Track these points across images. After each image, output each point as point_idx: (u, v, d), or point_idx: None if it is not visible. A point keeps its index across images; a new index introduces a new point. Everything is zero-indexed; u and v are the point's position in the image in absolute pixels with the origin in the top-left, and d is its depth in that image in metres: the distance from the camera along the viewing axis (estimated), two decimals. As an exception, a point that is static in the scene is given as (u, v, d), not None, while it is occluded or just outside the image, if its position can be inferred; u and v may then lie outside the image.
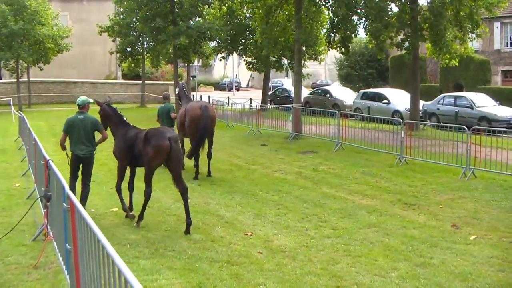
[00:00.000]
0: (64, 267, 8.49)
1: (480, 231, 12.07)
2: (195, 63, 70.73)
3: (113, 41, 51.91)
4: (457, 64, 30.50)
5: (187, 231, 11.83)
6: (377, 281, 9.18)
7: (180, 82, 28.90)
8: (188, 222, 11.93)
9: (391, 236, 11.65)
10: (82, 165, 13.09)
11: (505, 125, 29.49)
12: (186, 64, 55.73)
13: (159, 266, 9.75)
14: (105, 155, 21.67)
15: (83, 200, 12.60)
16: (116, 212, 13.43)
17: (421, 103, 32.92)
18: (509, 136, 20.02)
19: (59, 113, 40.54)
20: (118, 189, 13.46)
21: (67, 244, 7.72)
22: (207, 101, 38.45)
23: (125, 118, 13.73)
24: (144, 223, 12.42)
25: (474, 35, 29.83)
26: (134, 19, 44.66)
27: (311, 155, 22.00)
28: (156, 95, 54.63)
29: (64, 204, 7.66)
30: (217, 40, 45.74)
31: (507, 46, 50.93)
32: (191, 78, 63.34)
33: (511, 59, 50.41)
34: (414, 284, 9.07)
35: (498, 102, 34.20)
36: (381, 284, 9.04)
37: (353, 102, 39.75)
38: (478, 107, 32.31)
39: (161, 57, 46.07)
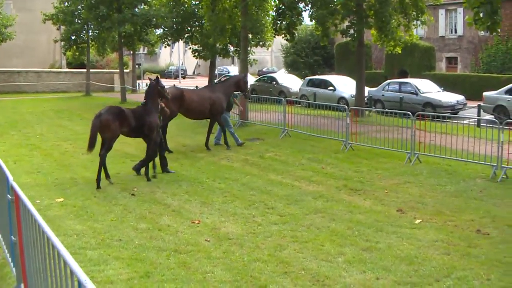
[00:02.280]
0: (9, 259, 8.36)
1: (425, 215, 12.27)
2: (141, 51, 70.22)
3: (58, 29, 51.06)
4: (400, 52, 30.81)
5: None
6: (324, 266, 9.27)
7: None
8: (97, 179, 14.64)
9: (338, 221, 11.76)
10: None
11: (449, 111, 29.98)
12: (131, 52, 55.29)
13: (106, 256, 9.68)
14: (50, 146, 21.46)
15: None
16: (62, 202, 13.26)
17: (366, 89, 33.24)
18: (453, 121, 20.32)
19: (3, 104, 39.82)
20: None
21: (12, 236, 7.61)
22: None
23: None
24: (91, 213, 12.32)
25: (419, 22, 30.15)
26: (78, 7, 44.05)
27: (258, 142, 22.04)
28: (101, 83, 54.04)
29: (8, 195, 7.54)
30: (163, 27, 45.36)
31: (451, 33, 51.73)
32: (137, 66, 62.83)
33: (455, 45, 51.22)
34: (360, 268, 9.18)
35: (442, 88, 34.71)
36: (328, 269, 9.12)
37: (299, 89, 39.91)
38: (422, 93, 32.74)
39: (106, 45, 45.54)
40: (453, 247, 10.26)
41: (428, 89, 33.60)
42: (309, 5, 29.64)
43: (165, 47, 53.18)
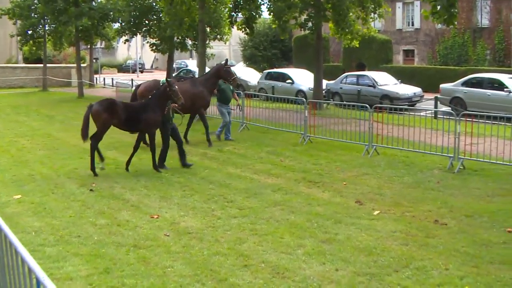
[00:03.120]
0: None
1: (383, 206, 12.37)
2: (98, 45, 69.53)
3: (14, 24, 50.42)
4: (357, 45, 30.98)
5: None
6: (283, 258, 9.29)
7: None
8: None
9: (297, 213, 11.80)
10: None
11: (407, 103, 30.27)
12: (88, 47, 54.77)
13: (64, 253, 9.58)
14: (7, 142, 21.20)
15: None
16: (20, 199, 13.10)
17: (325, 82, 33.37)
18: (410, 113, 20.50)
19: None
20: None
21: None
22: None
23: None
24: (49, 210, 12.21)
25: (376, 15, 30.34)
26: (35, 1, 43.52)
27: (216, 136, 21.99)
28: (58, 78, 53.47)
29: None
30: (120, 21, 45.04)
31: (408, 25, 52.26)
32: (94, 61, 62.28)
33: (412, 38, 51.75)
34: (320, 260, 9.22)
35: (399, 80, 35.04)
36: (288, 261, 9.15)
37: (258, 82, 39.97)
38: (380, 85, 33.00)
39: (63, 40, 45.08)
40: (412, 237, 10.37)
41: (385, 81, 33.89)
42: (267, -1, 29.67)
43: (124, 42, 52.79)
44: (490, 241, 10.16)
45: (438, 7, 19.01)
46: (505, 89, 27.93)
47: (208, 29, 37.04)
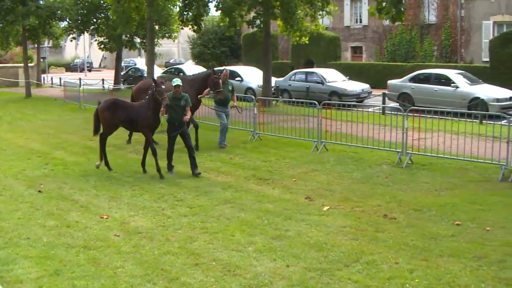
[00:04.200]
0: None
1: (333, 202, 12.47)
2: (45, 44, 68.69)
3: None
4: (306, 42, 31.12)
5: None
6: (234, 256, 9.31)
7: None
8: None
9: (247, 211, 11.84)
10: None
11: (355, 99, 30.53)
12: (36, 46, 54.05)
13: (14, 256, 9.46)
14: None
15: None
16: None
17: (273, 79, 33.44)
18: (358, 109, 20.68)
19: None
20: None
21: None
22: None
23: None
24: (-5, 212, 12.05)
25: (324, 13, 30.51)
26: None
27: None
28: (5, 78, 52.60)
29: None
30: (68, 20, 44.57)
31: (356, 23, 52.65)
32: (42, 60, 61.47)
33: (360, 35, 52.16)
34: (271, 256, 9.26)
35: (348, 77, 35.25)
36: (239, 259, 9.17)
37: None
38: (328, 82, 33.17)
39: (10, 39, 44.35)
40: (361, 232, 10.47)
41: (334, 78, 34.08)
42: (216, -4, 29.58)
43: (71, 40, 52.23)
44: (438, 234, 10.31)
45: (384, 4, 19.18)
46: (452, 84, 28.34)
47: (156, 27, 36.90)
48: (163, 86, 15.09)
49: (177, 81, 15.34)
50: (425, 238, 10.11)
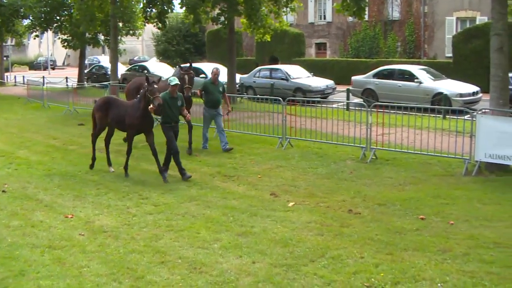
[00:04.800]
0: None
1: (298, 198, 12.51)
2: (8, 42, 67.98)
3: None
4: (269, 39, 31.14)
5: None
6: (200, 253, 9.30)
7: None
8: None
9: (212, 208, 11.83)
10: None
11: (319, 95, 30.64)
12: (-2, 44, 53.53)
13: (-23, 257, 9.35)
14: None
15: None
16: None
17: (238, 76, 33.40)
18: (323, 106, 20.73)
19: None
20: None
21: None
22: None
23: None
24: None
25: (288, 9, 30.56)
26: None
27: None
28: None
29: None
30: (30, 17, 44.13)
31: (320, 19, 52.85)
32: (5, 58, 60.82)
33: (324, 32, 52.37)
34: (236, 253, 9.26)
35: (312, 73, 35.37)
36: (205, 256, 9.16)
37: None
38: (293, 78, 33.25)
39: (-27, 38, 43.94)
40: (326, 227, 10.51)
41: (298, 74, 34.16)
42: (180, -7, 29.45)
43: (34, 38, 51.72)
44: (403, 229, 10.39)
45: (348, 0, 19.29)
46: (415, 80, 28.57)
47: (120, 24, 36.68)
48: (155, 86, 14.13)
49: (175, 80, 14.79)
50: (390, 233, 10.18)
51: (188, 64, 18.19)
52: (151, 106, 13.99)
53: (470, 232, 10.20)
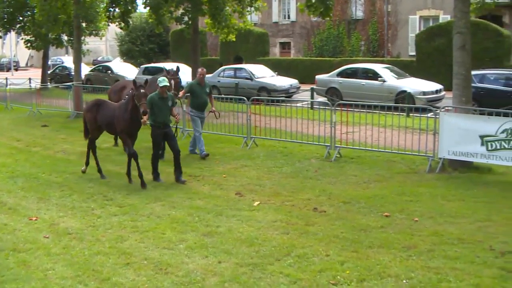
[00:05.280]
0: None
1: (263, 197, 12.54)
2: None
3: None
4: (234, 39, 31.12)
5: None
6: (166, 254, 9.28)
7: None
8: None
9: (178, 208, 11.80)
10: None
11: (283, 95, 30.67)
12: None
13: None
14: None
15: None
16: None
17: (205, 76, 33.33)
18: (287, 105, 20.79)
19: None
20: None
21: None
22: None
23: None
24: None
25: (252, 9, 30.56)
26: None
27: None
28: None
29: None
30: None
31: (284, 18, 53.00)
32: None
33: (288, 31, 52.52)
34: (202, 253, 9.25)
35: (276, 72, 35.44)
36: (170, 257, 9.14)
37: (135, 77, 39.45)
38: (257, 78, 33.28)
39: None
40: (292, 226, 10.55)
41: (262, 74, 34.22)
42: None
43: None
44: (368, 226, 10.47)
45: (313, 0, 19.36)
46: (379, 79, 28.81)
47: (84, 24, 36.40)
48: (142, 90, 13.43)
49: (164, 82, 14.00)
50: (355, 230, 10.25)
51: (174, 68, 17.53)
52: (144, 119, 13.49)
53: (435, 228, 10.32)
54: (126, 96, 14.36)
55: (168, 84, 14.40)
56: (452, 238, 9.78)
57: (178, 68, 17.43)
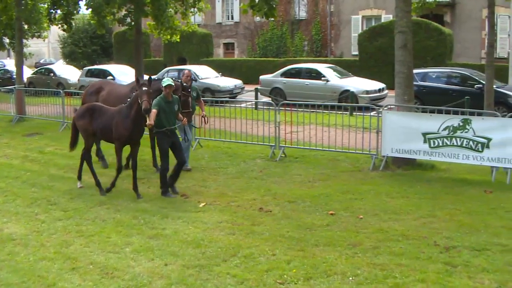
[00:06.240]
0: None
1: (208, 198, 12.54)
2: None
3: None
4: (178, 40, 31.01)
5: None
6: (112, 258, 9.22)
7: None
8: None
9: (123, 211, 11.73)
10: None
11: (228, 95, 30.76)
12: None
13: None
14: None
15: None
16: None
17: (146, 77, 33.12)
18: (231, 105, 20.80)
19: None
20: None
21: None
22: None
23: None
24: None
25: (196, 10, 30.51)
26: None
27: (37, 137, 21.35)
28: None
29: None
30: None
31: (228, 19, 53.01)
32: None
33: (232, 31, 52.57)
34: (148, 256, 9.22)
35: (220, 73, 35.45)
36: (116, 261, 9.08)
37: (78, 80, 39.11)
38: (201, 79, 33.17)
39: None
40: (238, 226, 10.58)
41: (206, 75, 34.17)
42: (86, -6, 28.99)
43: None
44: (314, 225, 10.56)
45: (257, 0, 19.37)
46: (322, 78, 29.03)
47: (26, 26, 35.87)
48: (144, 88, 12.18)
49: (168, 81, 12.74)
50: (301, 229, 10.33)
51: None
52: (148, 122, 12.04)
53: (379, 225, 10.47)
54: (128, 100, 12.89)
55: (173, 83, 12.86)
56: (397, 234, 9.94)
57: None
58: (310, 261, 8.80)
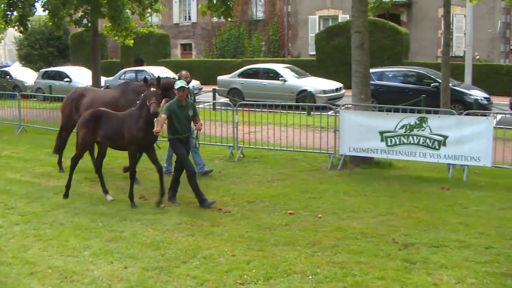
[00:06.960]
0: None
1: (167, 200, 12.46)
2: None
3: None
4: (131, 45, 30.85)
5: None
6: (70, 261, 9.13)
7: None
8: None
9: (81, 215, 11.60)
10: None
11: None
12: None
13: None
14: None
15: None
16: None
17: (103, 79, 32.99)
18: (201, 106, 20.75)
19: None
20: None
21: None
22: None
23: None
24: None
25: (152, 11, 30.43)
26: None
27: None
28: None
29: None
30: None
31: (185, 20, 52.92)
32: None
33: (189, 32, 52.51)
34: (107, 259, 9.15)
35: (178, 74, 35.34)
36: (75, 264, 9.00)
37: (35, 82, 38.76)
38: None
39: None
40: (197, 227, 10.57)
41: (164, 75, 34.00)
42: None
43: None
44: (273, 224, 10.60)
45: (215, 1, 19.40)
46: (280, 78, 29.18)
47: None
48: (153, 89, 11.63)
49: (181, 83, 11.92)
50: (260, 229, 10.36)
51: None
52: (155, 129, 11.45)
53: (338, 224, 10.55)
54: (137, 102, 12.19)
55: (186, 85, 12.10)
56: (356, 232, 10.03)
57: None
58: (269, 260, 8.83)
